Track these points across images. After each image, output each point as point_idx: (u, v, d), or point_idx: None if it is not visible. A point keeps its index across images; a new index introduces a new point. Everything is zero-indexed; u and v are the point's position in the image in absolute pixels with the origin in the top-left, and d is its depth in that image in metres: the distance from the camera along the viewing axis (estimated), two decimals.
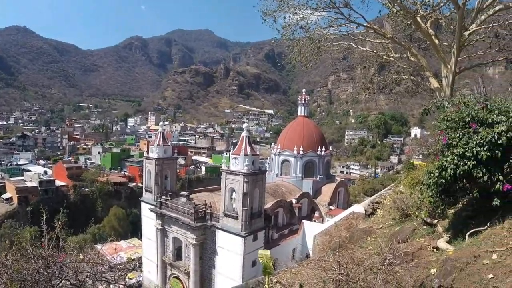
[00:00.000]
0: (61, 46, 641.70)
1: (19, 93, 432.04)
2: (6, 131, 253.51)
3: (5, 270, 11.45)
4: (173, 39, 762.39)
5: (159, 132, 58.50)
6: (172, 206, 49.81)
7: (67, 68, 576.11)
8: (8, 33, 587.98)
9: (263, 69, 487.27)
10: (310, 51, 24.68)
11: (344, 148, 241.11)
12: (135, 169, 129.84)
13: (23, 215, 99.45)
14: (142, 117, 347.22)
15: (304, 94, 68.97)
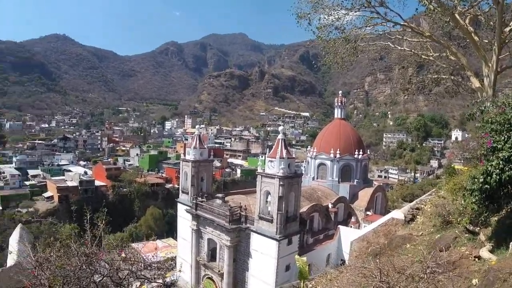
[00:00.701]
0: (100, 52, 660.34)
1: (60, 97, 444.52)
2: (48, 133, 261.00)
3: (49, 266, 11.55)
4: (208, 44, 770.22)
5: (196, 134, 58.73)
6: (208, 207, 49.87)
7: (106, 74, 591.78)
8: (49, 41, 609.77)
9: (298, 71, 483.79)
10: (346, 52, 24.17)
11: (382, 152, 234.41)
12: (172, 171, 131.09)
13: (63, 213, 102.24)
14: (179, 120, 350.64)
15: (340, 96, 67.69)
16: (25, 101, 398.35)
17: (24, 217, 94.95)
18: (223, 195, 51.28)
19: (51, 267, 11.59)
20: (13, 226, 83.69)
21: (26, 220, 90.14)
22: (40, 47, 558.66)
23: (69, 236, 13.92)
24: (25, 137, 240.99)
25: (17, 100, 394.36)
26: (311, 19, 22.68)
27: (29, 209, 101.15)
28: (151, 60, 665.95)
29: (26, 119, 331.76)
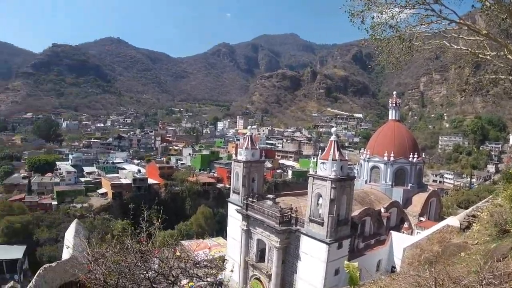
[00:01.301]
0: (153, 54, 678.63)
1: (115, 98, 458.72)
2: (103, 133, 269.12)
3: (104, 261, 11.74)
4: (259, 44, 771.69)
5: (248, 135, 58.86)
6: (258, 208, 49.90)
7: (159, 75, 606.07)
8: (103, 43, 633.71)
9: (351, 71, 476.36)
10: (401, 51, 23.48)
11: (437, 155, 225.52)
12: (223, 171, 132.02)
13: (116, 209, 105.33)
14: (231, 121, 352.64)
15: (395, 97, 65.91)
16: (81, 101, 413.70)
17: (79, 212, 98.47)
18: (274, 196, 51.17)
19: (106, 263, 11.78)
20: (67, 220, 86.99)
21: (81, 215, 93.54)
22: (95, 50, 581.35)
23: (125, 233, 14.18)
24: (81, 136, 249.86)
25: (74, 100, 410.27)
26: (364, 18, 22.18)
27: (83, 205, 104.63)
28: (203, 62, 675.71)
29: (82, 119, 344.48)
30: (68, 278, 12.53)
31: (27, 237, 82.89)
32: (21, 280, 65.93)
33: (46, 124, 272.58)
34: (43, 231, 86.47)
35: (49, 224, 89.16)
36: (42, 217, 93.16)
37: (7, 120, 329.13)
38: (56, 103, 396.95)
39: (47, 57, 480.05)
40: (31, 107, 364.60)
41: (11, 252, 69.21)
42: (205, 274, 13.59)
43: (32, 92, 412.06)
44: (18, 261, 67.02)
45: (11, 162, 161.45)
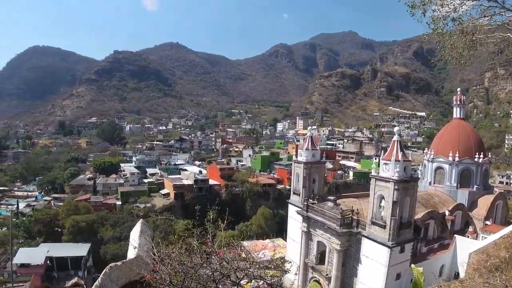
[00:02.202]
0: (212, 58, 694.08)
1: (176, 101, 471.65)
2: (165, 135, 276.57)
3: (170, 261, 11.85)
4: (317, 44, 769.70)
5: (308, 136, 58.34)
6: (319, 210, 49.28)
7: (219, 78, 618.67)
8: (163, 49, 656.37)
9: (412, 68, 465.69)
10: (464, 45, 22.35)
11: (504, 155, 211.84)
12: (283, 172, 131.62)
13: (178, 209, 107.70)
14: (290, 122, 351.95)
15: (458, 94, 63.04)
16: (144, 105, 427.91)
17: (142, 212, 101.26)
18: (334, 198, 50.41)
19: (172, 263, 11.89)
20: (131, 220, 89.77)
21: (144, 215, 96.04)
22: (155, 55, 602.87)
23: (189, 233, 14.33)
24: (144, 139, 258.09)
25: (136, 104, 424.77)
26: (426, 10, 21.31)
27: (146, 205, 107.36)
28: (261, 63, 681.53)
29: (144, 122, 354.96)
30: (133, 277, 12.78)
31: (91, 235, 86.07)
32: (85, 276, 68.78)
33: (110, 127, 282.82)
34: (107, 230, 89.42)
35: (113, 223, 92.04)
36: (107, 216, 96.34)
37: (73, 124, 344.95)
38: (119, 108, 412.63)
39: (109, 64, 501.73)
40: (95, 112, 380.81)
41: (76, 250, 72.24)
42: (270, 277, 13.50)
43: (96, 98, 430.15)
44: (82, 258, 69.83)
45: (77, 164, 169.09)
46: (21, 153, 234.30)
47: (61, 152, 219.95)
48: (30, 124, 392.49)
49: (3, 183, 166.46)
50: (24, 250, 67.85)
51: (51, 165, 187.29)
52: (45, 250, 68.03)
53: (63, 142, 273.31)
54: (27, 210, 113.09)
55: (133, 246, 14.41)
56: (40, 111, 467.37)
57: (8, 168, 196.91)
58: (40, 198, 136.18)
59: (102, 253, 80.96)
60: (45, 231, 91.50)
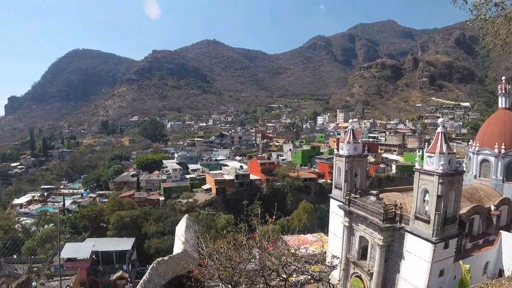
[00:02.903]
0: (249, 53, 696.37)
1: (215, 98, 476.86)
2: (206, 131, 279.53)
3: (218, 257, 11.83)
4: (356, 34, 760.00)
5: (349, 129, 57.53)
6: (361, 204, 48.50)
7: (257, 73, 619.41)
8: (200, 46, 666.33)
9: (454, 56, 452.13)
10: (508, 32, 21.31)
11: None
12: (324, 166, 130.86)
13: (220, 203, 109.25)
14: (331, 115, 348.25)
15: (503, 83, 60.32)
16: (184, 103, 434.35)
17: (184, 207, 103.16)
18: (377, 192, 49.47)
19: (220, 258, 11.88)
20: (173, 215, 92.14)
21: (186, 210, 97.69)
22: (193, 53, 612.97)
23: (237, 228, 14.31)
24: (185, 135, 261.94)
25: (176, 102, 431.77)
26: None
27: (189, 200, 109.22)
28: (299, 56, 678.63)
29: (185, 119, 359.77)
30: (179, 271, 12.82)
31: (135, 230, 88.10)
32: (129, 270, 70.50)
33: (152, 125, 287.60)
34: (151, 224, 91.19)
35: (156, 218, 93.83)
36: (150, 212, 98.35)
37: (116, 123, 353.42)
38: (160, 106, 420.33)
39: (149, 64, 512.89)
40: (136, 110, 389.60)
41: (121, 244, 73.94)
42: (318, 272, 13.38)
43: (137, 97, 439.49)
44: (127, 252, 71.37)
45: (121, 162, 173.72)
46: (66, 153, 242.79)
47: (105, 151, 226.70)
48: (74, 125, 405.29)
49: (49, 182, 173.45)
50: (70, 245, 69.81)
51: (95, 163, 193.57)
52: (91, 245, 69.83)
53: (107, 141, 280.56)
54: (73, 206, 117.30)
55: (183, 242, 14.44)
56: (84, 111, 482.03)
57: (54, 167, 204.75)
58: (86, 195, 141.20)
59: (145, 247, 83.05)
60: (91, 226, 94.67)
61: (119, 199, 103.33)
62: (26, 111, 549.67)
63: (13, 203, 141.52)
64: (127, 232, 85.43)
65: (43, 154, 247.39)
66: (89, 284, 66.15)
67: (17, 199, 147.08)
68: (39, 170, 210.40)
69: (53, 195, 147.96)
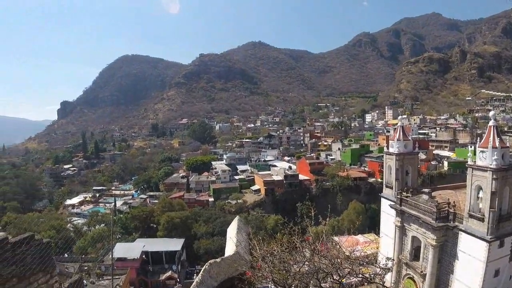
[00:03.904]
0: (295, 53, 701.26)
1: (262, 99, 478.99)
2: (254, 132, 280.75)
3: (271, 259, 11.92)
4: (401, 29, 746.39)
5: (399, 126, 56.50)
6: (413, 203, 47.29)
7: (303, 72, 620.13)
8: (246, 48, 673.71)
9: (502, 46, 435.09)
10: None
11: None
12: (374, 165, 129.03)
13: (269, 204, 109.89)
14: (379, 112, 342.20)
15: None
16: (232, 104, 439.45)
17: (233, 208, 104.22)
18: (429, 190, 48.35)
19: (273, 260, 11.92)
20: (223, 216, 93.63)
21: (235, 211, 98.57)
22: (240, 55, 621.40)
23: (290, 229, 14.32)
24: (234, 137, 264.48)
25: (224, 104, 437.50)
26: None
27: (238, 201, 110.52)
28: (345, 54, 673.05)
29: (233, 121, 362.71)
30: (231, 273, 13.01)
31: (185, 231, 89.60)
32: (178, 270, 72.15)
33: (201, 127, 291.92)
34: (200, 225, 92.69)
35: (205, 219, 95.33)
36: (200, 213, 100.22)
37: (165, 126, 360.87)
38: (208, 108, 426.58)
39: (196, 67, 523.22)
40: (185, 113, 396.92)
41: (171, 245, 75.75)
42: (373, 275, 13.31)
43: (185, 100, 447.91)
44: (176, 252, 72.98)
45: (171, 164, 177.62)
46: (117, 155, 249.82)
47: (155, 153, 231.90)
48: (125, 128, 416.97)
49: (101, 183, 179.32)
50: (121, 245, 71.73)
51: (146, 165, 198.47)
52: (141, 245, 71.61)
53: (157, 143, 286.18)
54: (124, 207, 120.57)
55: (232, 242, 14.60)
56: (134, 115, 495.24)
57: (106, 169, 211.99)
58: (136, 196, 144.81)
59: (195, 248, 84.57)
60: (141, 227, 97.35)
61: (169, 200, 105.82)
62: (78, 115, 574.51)
63: (66, 204, 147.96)
64: (177, 233, 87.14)
65: (95, 157, 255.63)
66: (139, 283, 67.91)
67: (70, 200, 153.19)
68: (91, 172, 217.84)
69: (104, 196, 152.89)
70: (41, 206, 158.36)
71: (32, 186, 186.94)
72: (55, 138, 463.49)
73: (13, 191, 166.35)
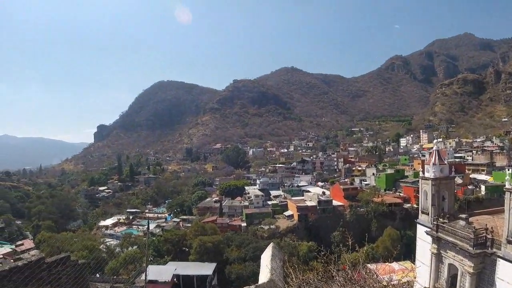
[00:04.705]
0: (328, 78, 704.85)
1: (296, 124, 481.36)
2: (287, 157, 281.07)
3: None
4: (433, 51, 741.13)
5: (434, 150, 55.73)
6: (450, 229, 46.17)
7: (336, 97, 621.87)
8: (279, 74, 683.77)
9: None
10: None
11: None
12: (409, 190, 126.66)
13: (302, 230, 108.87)
14: (414, 136, 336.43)
15: None
16: (265, 130, 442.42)
17: (266, 233, 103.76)
18: (466, 216, 47.18)
19: None
20: (255, 241, 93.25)
21: (268, 236, 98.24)
22: (273, 81, 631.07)
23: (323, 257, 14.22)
24: (267, 162, 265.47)
25: (258, 129, 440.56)
26: None
27: (270, 226, 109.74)
28: (378, 78, 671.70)
29: (266, 146, 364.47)
30: None
31: (217, 255, 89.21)
32: None
33: (234, 152, 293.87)
34: (233, 250, 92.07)
35: (238, 244, 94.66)
36: (232, 237, 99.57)
37: (199, 151, 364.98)
38: (242, 133, 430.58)
39: (230, 93, 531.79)
40: (219, 138, 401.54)
41: (203, 269, 75.55)
42: None
43: (219, 125, 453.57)
44: (208, 277, 72.53)
45: (204, 188, 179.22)
46: (152, 178, 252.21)
47: (189, 177, 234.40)
48: (159, 152, 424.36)
49: (135, 206, 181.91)
50: (153, 267, 71.89)
51: (180, 189, 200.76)
52: (173, 268, 71.72)
53: (191, 168, 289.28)
54: (157, 230, 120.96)
55: (267, 269, 14.55)
56: (169, 139, 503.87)
57: (140, 192, 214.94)
58: (170, 219, 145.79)
59: (227, 273, 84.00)
60: (173, 250, 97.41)
61: (202, 224, 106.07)
62: (114, 139, 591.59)
63: (99, 225, 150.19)
64: (209, 257, 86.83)
65: (129, 180, 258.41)
66: None
67: (103, 221, 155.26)
68: (125, 195, 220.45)
69: (138, 219, 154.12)
70: (75, 226, 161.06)
71: (67, 206, 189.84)
72: (91, 160, 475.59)
73: (48, 210, 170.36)
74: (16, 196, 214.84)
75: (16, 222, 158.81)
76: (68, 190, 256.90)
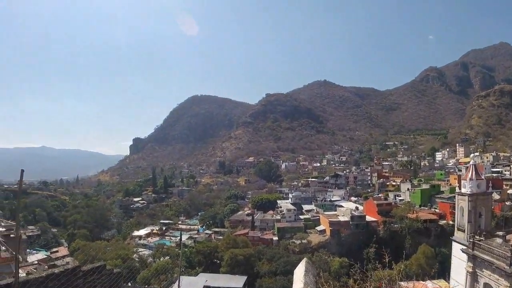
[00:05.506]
0: (361, 91, 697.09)
1: (329, 137, 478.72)
2: (320, 171, 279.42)
3: None
4: (469, 62, 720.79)
5: (471, 164, 54.79)
6: (486, 247, 45.00)
7: (370, 110, 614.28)
8: (312, 88, 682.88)
9: None
10: None
11: None
12: (445, 206, 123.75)
13: (334, 246, 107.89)
14: (450, 150, 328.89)
15: None
16: (298, 143, 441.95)
17: (298, 248, 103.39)
18: (504, 233, 46.11)
19: None
20: (286, 255, 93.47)
21: (299, 251, 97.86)
22: (305, 95, 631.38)
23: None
24: (299, 176, 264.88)
25: (290, 143, 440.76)
26: None
27: (302, 241, 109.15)
28: (412, 90, 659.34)
29: (299, 160, 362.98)
30: None
31: (248, 268, 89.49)
32: None
33: (267, 166, 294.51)
34: (263, 264, 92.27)
35: (269, 258, 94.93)
36: (263, 251, 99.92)
37: (232, 164, 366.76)
38: (274, 147, 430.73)
39: (263, 107, 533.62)
40: (252, 152, 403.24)
41: (233, 281, 76.62)
42: None
43: (252, 139, 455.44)
44: None
45: (237, 201, 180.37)
46: (185, 191, 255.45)
47: (221, 190, 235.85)
48: (193, 165, 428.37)
49: (168, 217, 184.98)
50: (184, 278, 72.59)
51: (212, 201, 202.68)
52: (204, 279, 72.48)
53: (224, 181, 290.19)
54: (189, 241, 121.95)
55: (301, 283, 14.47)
56: (202, 152, 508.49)
57: (174, 204, 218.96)
58: (202, 231, 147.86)
59: (257, 286, 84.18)
60: (205, 261, 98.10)
61: (234, 237, 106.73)
62: (149, 152, 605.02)
63: (133, 235, 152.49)
64: (240, 270, 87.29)
65: (163, 191, 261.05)
66: None
67: (137, 231, 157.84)
68: (159, 206, 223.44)
69: (171, 230, 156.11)
70: (109, 235, 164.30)
71: (102, 216, 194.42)
72: (126, 172, 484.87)
73: (84, 219, 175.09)
74: (53, 205, 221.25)
75: (52, 230, 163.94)
76: (103, 200, 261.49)
